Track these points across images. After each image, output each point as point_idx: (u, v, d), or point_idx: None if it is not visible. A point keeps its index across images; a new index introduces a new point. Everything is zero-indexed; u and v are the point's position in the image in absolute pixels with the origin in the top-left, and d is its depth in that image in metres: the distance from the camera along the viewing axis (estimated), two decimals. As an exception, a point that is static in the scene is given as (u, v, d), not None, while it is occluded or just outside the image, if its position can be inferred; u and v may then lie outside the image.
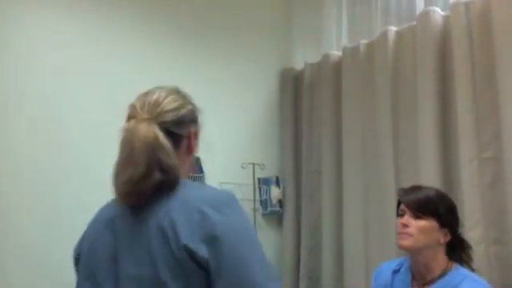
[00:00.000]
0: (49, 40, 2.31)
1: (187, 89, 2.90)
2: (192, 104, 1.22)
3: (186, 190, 1.09)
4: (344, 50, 2.71)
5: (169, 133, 1.10)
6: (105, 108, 2.39)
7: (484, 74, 1.99)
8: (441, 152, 2.12)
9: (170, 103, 1.15)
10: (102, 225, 1.18)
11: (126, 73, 2.49)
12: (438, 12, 2.19)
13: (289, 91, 3.09)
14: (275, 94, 3.11)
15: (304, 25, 3.11)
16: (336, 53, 2.81)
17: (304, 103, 2.98)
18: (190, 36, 2.76)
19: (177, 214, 1.03)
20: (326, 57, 2.83)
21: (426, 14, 2.20)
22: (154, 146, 1.05)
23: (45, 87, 2.26)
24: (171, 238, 1.01)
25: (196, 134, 1.21)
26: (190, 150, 1.19)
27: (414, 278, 1.60)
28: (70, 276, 2.20)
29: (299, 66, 3.10)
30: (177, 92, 1.22)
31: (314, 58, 2.96)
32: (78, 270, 1.21)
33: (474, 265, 1.60)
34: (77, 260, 1.22)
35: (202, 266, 0.99)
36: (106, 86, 2.42)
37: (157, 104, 1.14)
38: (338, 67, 2.75)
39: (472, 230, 1.88)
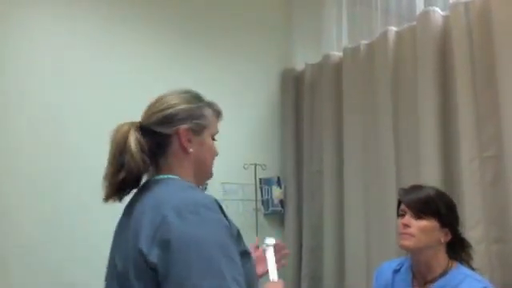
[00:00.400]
0: (49, 41, 2.31)
1: (188, 89, 2.87)
2: (192, 103, 1.24)
3: (163, 191, 1.14)
4: (344, 50, 2.71)
5: (154, 133, 1.19)
6: (105, 108, 2.39)
7: (484, 74, 1.99)
8: (442, 151, 2.12)
9: (161, 104, 1.22)
10: None
11: (126, 73, 2.49)
12: (438, 12, 2.19)
13: (289, 92, 3.09)
14: (276, 94, 3.11)
15: (304, 25, 3.11)
16: (336, 53, 2.81)
17: (305, 104, 2.99)
18: (190, 36, 2.76)
19: (146, 215, 1.08)
20: (327, 57, 2.83)
21: (425, 14, 2.20)
22: (121, 148, 1.14)
23: (45, 87, 2.26)
24: (136, 241, 1.05)
25: (188, 132, 1.21)
26: (183, 148, 1.20)
27: (414, 277, 1.61)
28: (70, 275, 2.22)
29: (300, 66, 3.10)
30: (179, 92, 1.26)
31: (314, 58, 2.96)
32: None
33: (475, 264, 1.60)
34: None
35: (153, 269, 1.00)
36: (106, 86, 2.42)
37: (151, 106, 1.24)
38: (338, 68, 2.75)
39: (473, 229, 1.88)
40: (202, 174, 1.28)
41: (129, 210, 1.19)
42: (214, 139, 1.30)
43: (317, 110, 2.89)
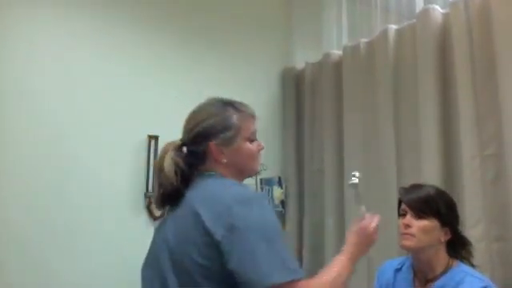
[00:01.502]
0: (48, 41, 2.31)
1: (188, 90, 2.90)
2: (218, 115, 1.34)
3: (217, 184, 1.28)
4: (344, 48, 2.71)
5: (191, 149, 1.33)
6: (104, 109, 2.39)
7: (484, 72, 1.98)
8: (442, 150, 2.11)
9: (191, 122, 1.36)
10: None
11: (126, 74, 2.49)
12: (438, 10, 2.19)
13: (290, 91, 3.09)
14: (276, 94, 3.10)
15: (304, 24, 3.11)
16: (336, 52, 2.81)
17: (305, 103, 2.98)
18: (190, 37, 2.75)
19: (204, 204, 1.20)
20: (327, 56, 2.82)
21: (425, 12, 2.20)
22: (158, 169, 1.32)
23: (44, 88, 2.26)
24: (198, 225, 1.17)
25: (218, 147, 1.31)
26: (215, 159, 1.32)
27: (415, 276, 1.60)
28: (68, 276, 2.21)
29: (300, 65, 3.10)
30: (207, 105, 1.38)
31: (314, 57, 2.96)
32: None
33: (476, 262, 1.59)
34: None
35: (217, 246, 1.14)
36: (105, 88, 2.43)
37: (185, 124, 1.38)
38: (338, 66, 2.75)
39: (474, 228, 1.87)
40: (245, 173, 1.40)
41: (178, 203, 1.31)
42: (253, 139, 1.39)
43: (317, 108, 2.89)
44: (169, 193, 1.30)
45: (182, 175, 1.30)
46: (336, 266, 1.31)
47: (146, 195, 2.46)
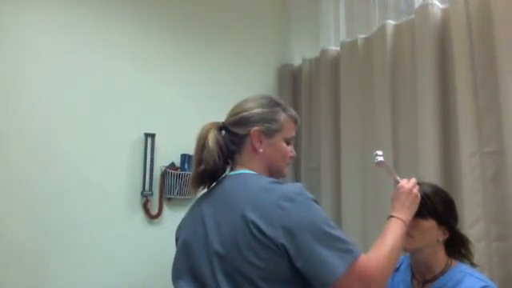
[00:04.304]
0: (42, 38, 2.25)
1: (184, 88, 2.86)
2: (266, 108, 1.38)
3: (257, 182, 1.27)
4: (342, 44, 2.68)
5: (232, 133, 1.37)
6: (100, 107, 2.36)
7: (484, 68, 1.95)
8: (441, 147, 2.08)
9: (239, 107, 1.39)
10: None
11: (124, 72, 2.46)
12: (437, 5, 2.16)
13: (287, 87, 3.07)
14: (273, 90, 3.07)
15: (302, 20, 3.09)
16: (334, 48, 2.78)
17: (302, 99, 2.96)
18: (188, 34, 2.72)
19: (248, 203, 1.20)
20: (324, 52, 2.80)
21: (424, 8, 2.17)
22: (202, 145, 1.35)
23: (37, 87, 2.21)
24: (248, 227, 1.17)
25: (259, 134, 1.34)
26: (253, 148, 1.35)
27: (413, 276, 1.58)
28: (65, 277, 2.18)
29: (297, 61, 3.08)
30: (258, 98, 1.41)
31: (312, 53, 2.94)
32: None
33: (475, 261, 1.56)
34: None
35: (279, 248, 1.15)
36: (102, 85, 2.39)
37: (232, 109, 1.41)
38: (336, 62, 2.72)
39: (473, 227, 1.85)
40: (273, 172, 1.38)
41: (211, 200, 1.34)
42: (289, 143, 1.41)
43: (314, 105, 2.86)
44: (210, 170, 1.33)
45: (222, 155, 1.35)
46: (389, 233, 1.33)
47: (143, 194, 2.43)
